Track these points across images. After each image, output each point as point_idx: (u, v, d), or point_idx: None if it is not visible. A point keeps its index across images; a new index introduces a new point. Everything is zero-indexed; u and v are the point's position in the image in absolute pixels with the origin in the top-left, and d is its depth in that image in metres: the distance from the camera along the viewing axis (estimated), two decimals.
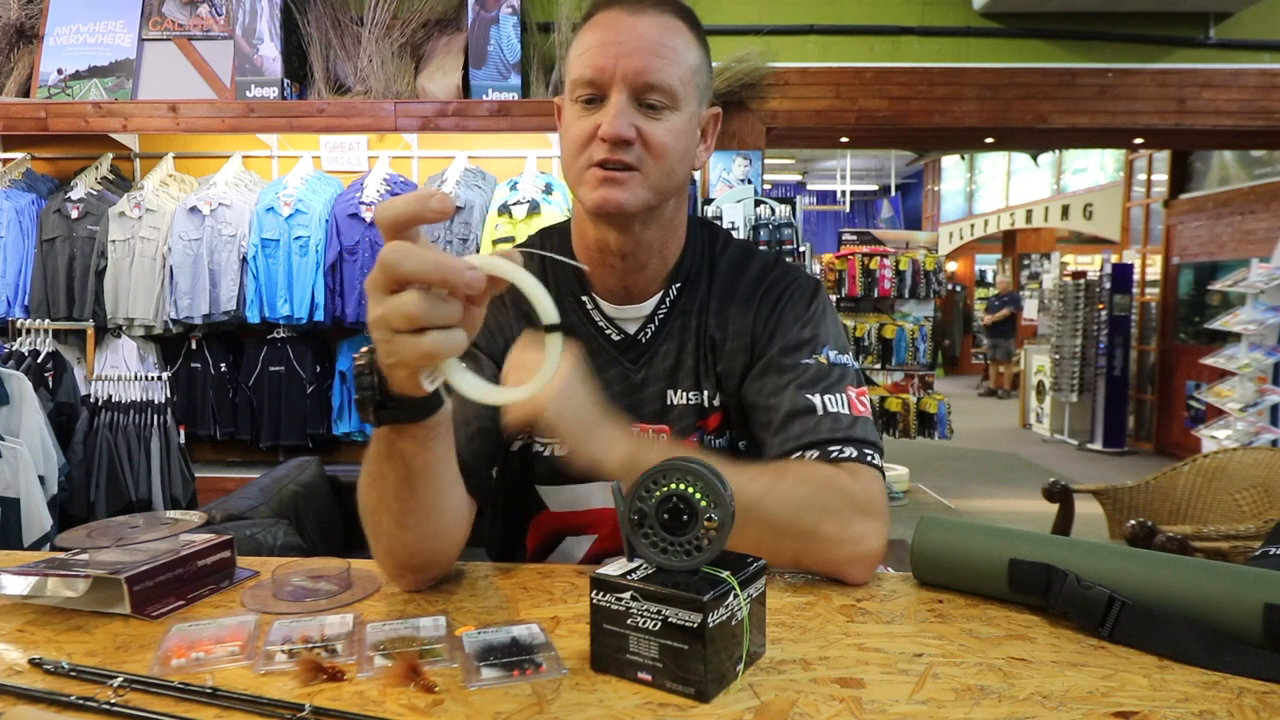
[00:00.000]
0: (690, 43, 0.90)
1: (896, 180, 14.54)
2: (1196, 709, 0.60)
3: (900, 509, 5.15)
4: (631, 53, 0.85)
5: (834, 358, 0.94)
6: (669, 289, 0.99)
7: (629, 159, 0.86)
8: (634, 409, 0.96)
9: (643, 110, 0.87)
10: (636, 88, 0.86)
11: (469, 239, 3.59)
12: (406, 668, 0.64)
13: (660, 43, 0.86)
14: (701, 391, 0.97)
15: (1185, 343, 7.15)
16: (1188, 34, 4.09)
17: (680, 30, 0.89)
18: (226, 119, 3.64)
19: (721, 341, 0.97)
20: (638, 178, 0.87)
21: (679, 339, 0.98)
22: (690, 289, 0.99)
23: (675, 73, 0.86)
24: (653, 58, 0.85)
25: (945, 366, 12.63)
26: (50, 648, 0.71)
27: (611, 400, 0.93)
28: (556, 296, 0.83)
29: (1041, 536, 0.80)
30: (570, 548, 1.01)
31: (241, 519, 1.89)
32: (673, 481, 0.67)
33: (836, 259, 5.08)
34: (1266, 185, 6.36)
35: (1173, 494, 2.49)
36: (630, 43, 0.85)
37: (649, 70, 0.85)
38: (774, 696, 0.62)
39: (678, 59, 0.87)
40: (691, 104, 0.90)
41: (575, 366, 0.84)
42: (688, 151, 0.91)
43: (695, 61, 0.90)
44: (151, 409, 3.41)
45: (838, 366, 0.94)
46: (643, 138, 0.86)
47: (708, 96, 0.94)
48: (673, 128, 0.88)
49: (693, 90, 0.89)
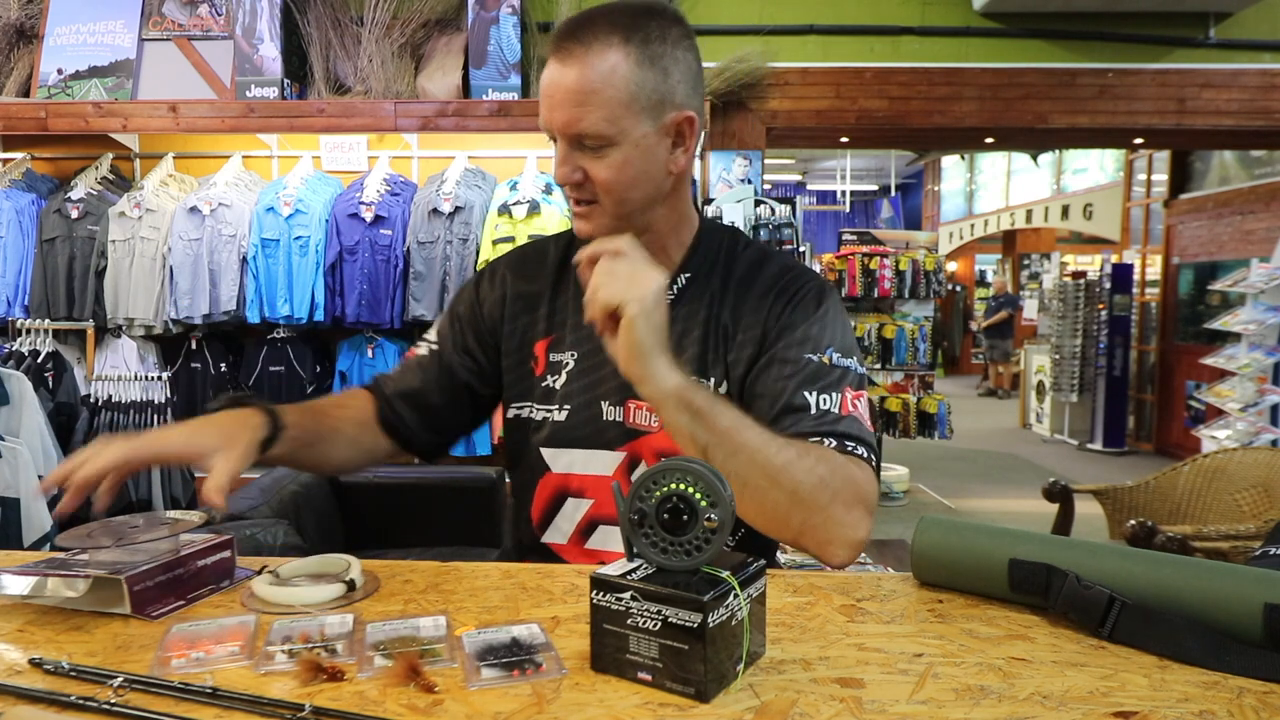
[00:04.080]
0: (623, 67, 0.91)
1: (896, 180, 14.54)
2: (1196, 709, 0.60)
3: (900, 509, 5.15)
4: (559, 106, 0.92)
5: (836, 359, 0.97)
6: (677, 278, 1.05)
7: (585, 196, 0.97)
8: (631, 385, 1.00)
9: (584, 151, 0.94)
10: (570, 137, 0.94)
11: (469, 239, 3.58)
12: (406, 668, 0.64)
13: (586, 91, 0.91)
14: (709, 379, 1.01)
15: (1185, 343, 7.15)
16: (1188, 34, 4.09)
17: (609, 59, 0.91)
18: (226, 119, 3.64)
19: (733, 333, 1.02)
20: (597, 209, 0.97)
21: (684, 325, 1.03)
22: (701, 281, 1.05)
23: (602, 115, 0.91)
24: (576, 109, 0.91)
25: (945, 366, 12.63)
26: (50, 648, 0.71)
27: (616, 377, 0.97)
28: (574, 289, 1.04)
29: (1041, 536, 0.80)
30: (571, 510, 1.06)
31: (241, 519, 1.89)
32: (673, 481, 0.67)
33: (836, 259, 5.08)
34: (1266, 185, 6.36)
35: (1173, 494, 2.49)
36: (557, 95, 0.92)
37: (574, 122, 0.92)
38: (774, 696, 0.62)
39: (606, 99, 0.91)
40: (636, 129, 0.93)
41: (662, 288, 0.87)
42: (642, 174, 0.96)
43: (632, 85, 0.92)
44: (151, 409, 3.41)
45: (839, 368, 0.97)
46: (588, 177, 0.95)
47: (668, 105, 0.95)
48: (613, 163, 0.94)
49: (634, 116, 0.93)
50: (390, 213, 3.62)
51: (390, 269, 3.60)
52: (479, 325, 1.13)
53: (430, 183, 3.71)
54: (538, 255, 1.14)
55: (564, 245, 1.12)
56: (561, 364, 1.07)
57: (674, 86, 0.95)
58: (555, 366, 1.07)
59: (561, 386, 1.06)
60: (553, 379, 1.07)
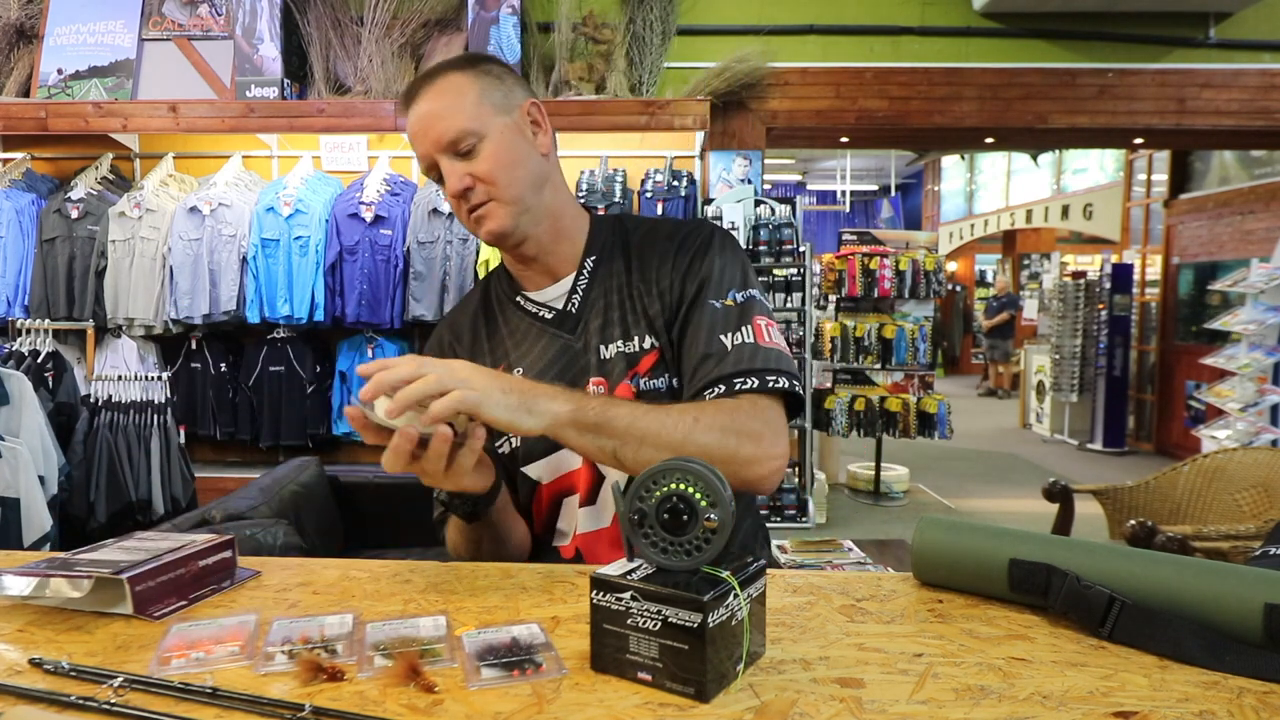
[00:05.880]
0: (464, 82, 1.06)
1: (896, 180, 14.54)
2: (1196, 709, 0.61)
3: (900, 509, 5.15)
4: (428, 130, 1.05)
5: (739, 297, 1.08)
6: (584, 263, 1.14)
7: (478, 199, 1.06)
8: (581, 372, 1.10)
9: (462, 158, 1.05)
10: (445, 148, 1.04)
11: (469, 239, 3.59)
12: (406, 668, 0.64)
13: (440, 107, 1.04)
14: (632, 339, 1.09)
15: (1185, 342, 7.15)
16: (1188, 34, 4.09)
17: (451, 80, 1.06)
18: (226, 119, 3.64)
19: (645, 291, 1.11)
20: (493, 205, 1.06)
21: (604, 301, 1.12)
22: (605, 261, 1.15)
23: (463, 117, 1.04)
24: (439, 122, 1.04)
25: (945, 366, 12.63)
26: (50, 648, 0.71)
27: (561, 371, 1.09)
28: (501, 304, 1.18)
29: (1041, 536, 0.80)
30: (567, 509, 1.12)
31: (241, 519, 1.89)
32: (673, 481, 0.67)
33: (836, 259, 5.07)
34: (1266, 185, 6.36)
35: (1173, 494, 2.49)
36: (423, 122, 1.05)
37: (444, 133, 1.03)
38: (774, 696, 0.62)
39: (458, 106, 1.04)
40: (495, 121, 1.05)
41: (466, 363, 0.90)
42: (519, 156, 1.07)
43: (476, 91, 1.05)
44: (151, 409, 3.41)
45: (742, 304, 1.07)
46: (475, 177, 1.05)
47: (512, 100, 1.08)
48: (488, 153, 1.05)
49: (488, 111, 1.05)
50: (390, 213, 3.62)
51: (390, 269, 3.60)
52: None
53: (430, 183, 3.71)
54: (460, 312, 1.23)
55: (482, 286, 1.24)
56: None
57: (511, 88, 1.09)
58: None
59: None
60: None
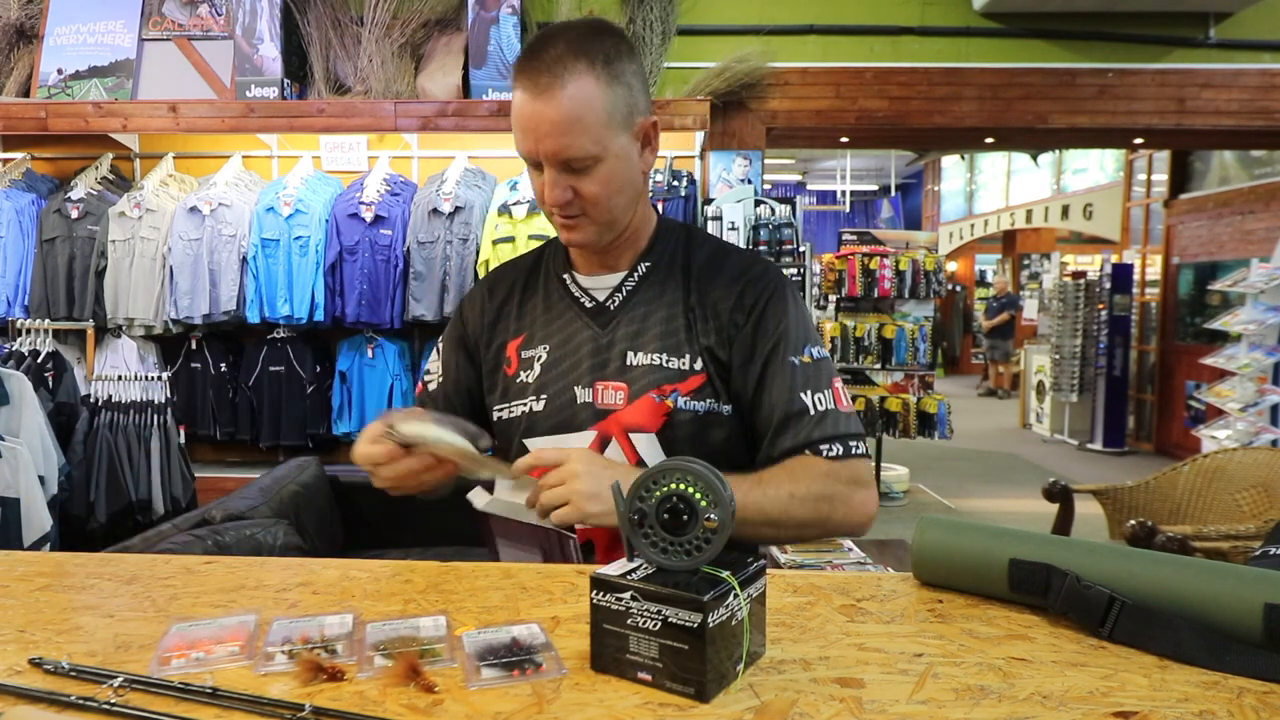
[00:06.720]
0: (596, 92, 0.97)
1: (896, 180, 14.54)
2: (1196, 709, 0.60)
3: (900, 509, 5.15)
4: (544, 137, 0.98)
5: (815, 354, 1.08)
6: (638, 266, 1.13)
7: (573, 212, 1.03)
8: (600, 367, 1.09)
9: (572, 173, 1.00)
10: (558, 164, 0.99)
11: (469, 239, 3.58)
12: (406, 668, 0.64)
13: (570, 120, 0.96)
14: (678, 357, 1.08)
15: (1185, 342, 7.15)
16: (1188, 34, 4.09)
17: (583, 87, 0.97)
18: (226, 119, 3.64)
19: (701, 316, 1.10)
20: (585, 220, 1.04)
21: (645, 309, 1.11)
22: (661, 270, 1.13)
23: (588, 138, 0.98)
24: (563, 137, 0.97)
25: (945, 366, 12.63)
26: (50, 648, 0.71)
27: (579, 361, 1.09)
28: (547, 276, 1.17)
29: (1041, 536, 0.80)
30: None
31: (241, 519, 1.89)
32: (673, 481, 0.67)
33: (836, 259, 5.07)
34: (1266, 185, 6.36)
35: (1173, 494, 2.49)
36: (541, 128, 0.97)
37: (562, 150, 0.98)
38: (774, 696, 0.62)
39: (587, 123, 0.97)
40: (616, 142, 1.01)
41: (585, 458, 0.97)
42: (627, 180, 1.04)
43: (608, 104, 0.99)
44: (151, 409, 3.41)
45: (820, 361, 1.08)
46: (578, 194, 1.01)
47: (637, 112, 1.03)
48: (600, 177, 1.01)
49: (613, 131, 1.00)
50: (390, 213, 3.62)
51: (390, 269, 3.60)
52: (467, 343, 1.22)
53: (430, 183, 3.71)
54: (510, 267, 1.24)
55: (538, 251, 1.23)
56: (534, 359, 1.13)
57: (637, 97, 1.03)
58: (528, 363, 1.14)
59: (535, 379, 1.12)
60: (526, 374, 1.13)
